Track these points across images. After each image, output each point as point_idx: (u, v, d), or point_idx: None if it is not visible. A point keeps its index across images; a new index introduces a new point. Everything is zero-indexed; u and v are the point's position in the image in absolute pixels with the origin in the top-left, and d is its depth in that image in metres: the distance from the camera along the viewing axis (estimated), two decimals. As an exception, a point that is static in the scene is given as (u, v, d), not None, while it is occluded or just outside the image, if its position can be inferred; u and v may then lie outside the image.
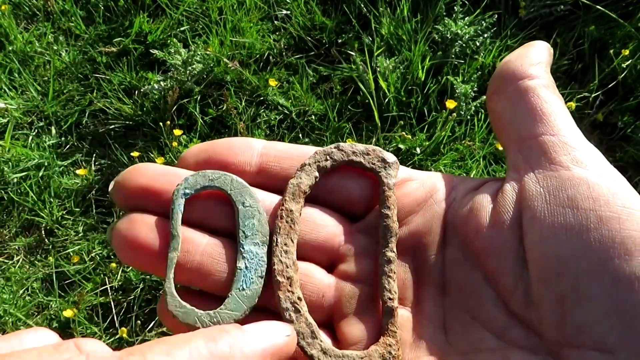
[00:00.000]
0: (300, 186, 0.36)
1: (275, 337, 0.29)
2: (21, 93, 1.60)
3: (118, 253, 0.34)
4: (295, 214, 0.35)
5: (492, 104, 0.36)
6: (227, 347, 0.26)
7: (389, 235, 0.35)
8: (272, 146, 0.37)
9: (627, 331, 0.28)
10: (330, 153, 0.37)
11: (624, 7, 1.50)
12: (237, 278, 0.34)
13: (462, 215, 0.35)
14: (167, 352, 0.24)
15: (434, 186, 0.37)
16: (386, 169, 0.37)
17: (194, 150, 0.37)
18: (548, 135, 0.33)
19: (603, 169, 0.31)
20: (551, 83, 0.35)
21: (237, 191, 0.35)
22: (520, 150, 0.34)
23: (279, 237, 0.35)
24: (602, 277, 0.28)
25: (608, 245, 0.29)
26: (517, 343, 0.31)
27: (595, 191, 0.30)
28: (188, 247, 0.34)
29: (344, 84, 1.52)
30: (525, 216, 0.32)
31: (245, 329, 0.28)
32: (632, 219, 0.29)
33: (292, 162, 0.37)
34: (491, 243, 0.33)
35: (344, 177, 0.38)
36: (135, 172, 0.36)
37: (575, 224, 0.30)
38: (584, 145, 0.32)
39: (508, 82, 0.35)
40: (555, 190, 0.31)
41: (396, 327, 0.34)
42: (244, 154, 0.37)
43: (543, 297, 0.30)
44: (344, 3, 1.60)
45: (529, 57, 0.35)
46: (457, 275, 0.34)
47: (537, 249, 0.31)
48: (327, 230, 0.36)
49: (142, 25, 1.63)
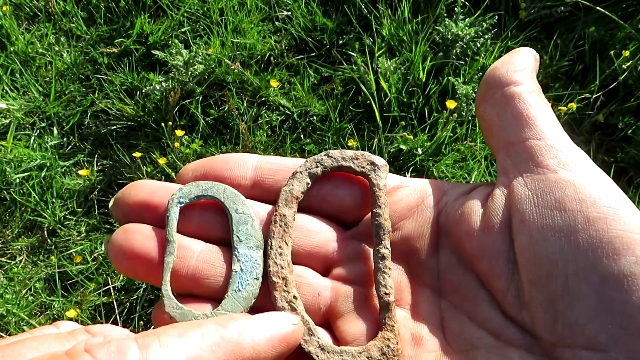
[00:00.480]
0: (292, 192, 0.37)
1: (283, 325, 0.30)
2: (23, 94, 1.60)
3: (114, 264, 0.35)
4: (289, 218, 0.36)
5: (480, 110, 0.37)
6: (236, 333, 0.27)
7: (381, 232, 0.36)
8: (266, 160, 0.38)
9: (618, 329, 0.28)
10: (320, 160, 0.38)
11: (624, 8, 1.51)
12: (232, 280, 0.35)
13: (453, 219, 0.36)
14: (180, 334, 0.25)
15: (425, 192, 0.38)
16: (375, 172, 0.38)
17: (192, 167, 0.39)
18: (535, 139, 0.33)
19: (589, 170, 0.32)
20: (536, 88, 0.35)
21: (230, 199, 0.36)
22: (509, 155, 0.34)
23: (273, 240, 0.36)
24: (591, 277, 0.29)
25: (596, 246, 0.29)
26: (514, 343, 0.31)
27: (582, 193, 0.31)
28: (183, 254, 0.35)
29: (345, 85, 1.52)
30: (514, 219, 0.32)
31: (253, 317, 0.29)
32: (618, 218, 0.30)
33: (285, 174, 0.38)
34: (482, 246, 0.33)
35: (335, 187, 0.39)
36: (134, 188, 0.37)
37: (564, 225, 0.30)
38: (570, 148, 0.33)
39: (495, 89, 0.36)
40: (543, 193, 0.32)
41: (394, 321, 0.34)
42: (239, 168, 0.38)
43: (534, 299, 0.31)
44: (344, 4, 1.60)
45: (514, 63, 0.36)
46: (452, 278, 0.35)
47: (526, 251, 0.31)
48: (320, 237, 0.37)
49: (144, 26, 1.63)
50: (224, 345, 0.26)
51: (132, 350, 0.23)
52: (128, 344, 0.24)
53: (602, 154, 1.41)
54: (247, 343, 0.27)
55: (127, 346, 0.23)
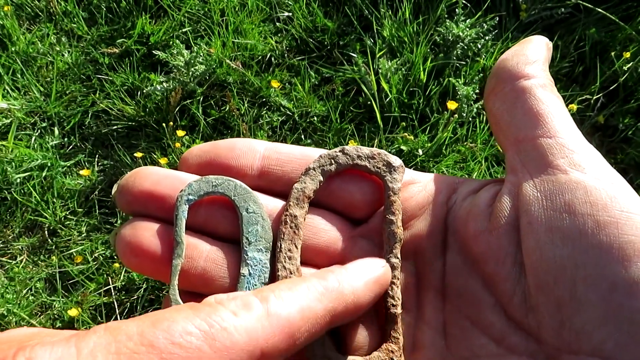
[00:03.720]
0: (305, 191, 0.35)
1: (374, 269, 0.33)
2: (24, 94, 1.60)
3: (122, 258, 0.35)
4: (300, 219, 0.35)
5: (489, 104, 0.35)
6: (336, 282, 0.30)
7: (393, 241, 0.35)
8: (274, 149, 0.37)
9: (626, 337, 0.27)
10: (335, 157, 0.37)
11: (624, 10, 1.51)
12: (240, 284, 0.34)
13: (460, 219, 0.35)
14: (289, 288, 0.28)
15: (436, 189, 0.37)
16: (391, 173, 0.36)
17: (196, 152, 0.37)
18: (545, 137, 0.32)
19: (601, 171, 0.31)
20: (549, 82, 0.34)
21: (241, 197, 0.35)
22: (518, 153, 0.33)
23: (283, 242, 0.35)
24: (599, 283, 0.28)
25: (606, 251, 0.28)
26: (516, 349, 0.31)
27: (592, 195, 0.29)
28: (192, 254, 0.34)
29: (345, 86, 1.53)
30: (522, 221, 0.31)
31: (347, 267, 0.32)
32: (630, 223, 0.28)
33: (294, 165, 0.37)
34: (489, 248, 0.32)
35: (345, 181, 0.37)
36: (139, 176, 0.35)
37: (573, 229, 0.29)
38: (582, 147, 0.32)
39: (504, 82, 0.34)
40: (552, 195, 0.30)
41: (399, 334, 0.34)
42: (246, 156, 0.36)
43: (541, 303, 0.30)
44: (345, 5, 1.60)
45: (526, 55, 0.34)
46: (457, 280, 0.34)
47: (534, 254, 0.30)
48: (328, 235, 0.36)
49: (145, 27, 1.63)
50: (327, 295, 0.29)
51: (255, 303, 0.27)
52: (251, 298, 0.27)
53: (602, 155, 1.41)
54: (347, 289, 0.30)
55: (251, 300, 0.27)
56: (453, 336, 0.33)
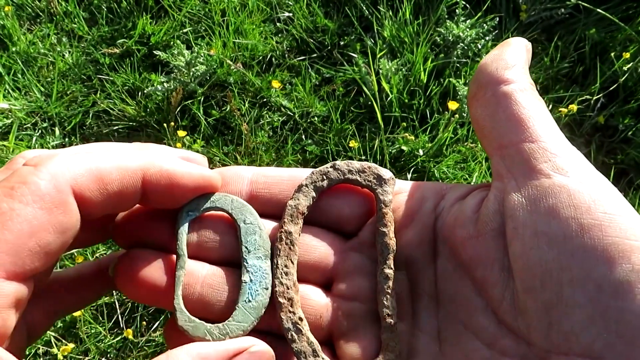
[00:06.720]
0: (299, 207, 0.36)
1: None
2: (25, 94, 1.60)
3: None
4: (294, 235, 0.36)
5: (472, 110, 0.36)
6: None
7: (386, 252, 0.36)
8: (261, 173, 0.38)
9: (614, 337, 0.28)
10: (326, 173, 0.38)
11: (624, 10, 1.51)
12: (242, 291, 0.35)
13: (449, 226, 0.35)
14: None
15: (423, 197, 0.37)
16: (382, 186, 0.37)
17: None
18: (528, 142, 0.32)
19: (585, 174, 0.31)
20: (529, 86, 0.34)
21: (238, 210, 0.36)
22: (503, 158, 0.33)
23: (279, 259, 0.36)
24: (585, 284, 0.28)
25: (590, 253, 0.28)
26: (508, 352, 0.31)
27: (576, 199, 0.30)
28: (188, 280, 0.35)
29: (346, 86, 1.53)
30: (508, 227, 0.32)
31: None
32: (614, 225, 0.29)
33: (281, 187, 0.37)
34: (477, 254, 0.33)
35: (333, 196, 0.38)
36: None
37: (557, 233, 0.29)
38: (565, 151, 0.32)
39: (485, 88, 0.34)
40: (536, 200, 0.31)
41: (396, 343, 0.34)
42: (234, 183, 0.37)
43: (529, 306, 0.30)
44: (345, 5, 1.61)
45: (505, 59, 0.35)
46: (448, 286, 0.34)
47: (520, 259, 0.31)
48: (320, 250, 0.37)
49: (145, 27, 1.63)
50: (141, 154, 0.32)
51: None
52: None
53: (602, 156, 1.42)
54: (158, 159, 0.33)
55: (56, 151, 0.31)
56: (447, 341, 0.34)
